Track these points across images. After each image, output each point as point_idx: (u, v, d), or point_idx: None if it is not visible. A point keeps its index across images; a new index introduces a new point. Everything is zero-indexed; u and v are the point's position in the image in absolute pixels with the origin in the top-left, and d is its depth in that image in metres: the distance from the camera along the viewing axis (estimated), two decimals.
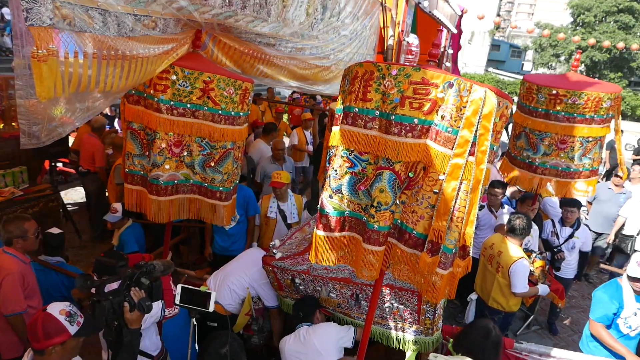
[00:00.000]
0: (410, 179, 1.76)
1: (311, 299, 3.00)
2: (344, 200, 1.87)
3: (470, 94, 1.61)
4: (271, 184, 4.31)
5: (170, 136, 2.37)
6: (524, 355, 3.07)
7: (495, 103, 1.60)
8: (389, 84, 1.69)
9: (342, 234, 1.93)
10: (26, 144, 1.72)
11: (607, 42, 22.81)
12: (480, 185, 1.66)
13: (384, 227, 1.82)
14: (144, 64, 2.03)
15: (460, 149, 1.63)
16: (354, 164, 1.82)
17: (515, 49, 44.63)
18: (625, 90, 31.39)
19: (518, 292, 3.72)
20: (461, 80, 1.63)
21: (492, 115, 1.61)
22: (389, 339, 2.91)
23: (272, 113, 9.41)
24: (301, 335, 2.79)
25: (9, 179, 5.04)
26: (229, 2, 2.44)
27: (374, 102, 1.74)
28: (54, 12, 1.51)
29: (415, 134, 1.70)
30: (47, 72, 1.51)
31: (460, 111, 1.63)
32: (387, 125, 1.72)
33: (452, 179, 1.65)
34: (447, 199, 1.67)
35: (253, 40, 2.93)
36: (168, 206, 2.52)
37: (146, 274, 2.11)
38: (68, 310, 1.96)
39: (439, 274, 1.75)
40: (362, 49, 4.54)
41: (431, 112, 1.66)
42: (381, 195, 1.77)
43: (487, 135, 1.62)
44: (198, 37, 2.49)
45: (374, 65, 1.74)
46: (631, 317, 3.19)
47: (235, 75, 2.52)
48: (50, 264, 3.35)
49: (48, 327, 1.88)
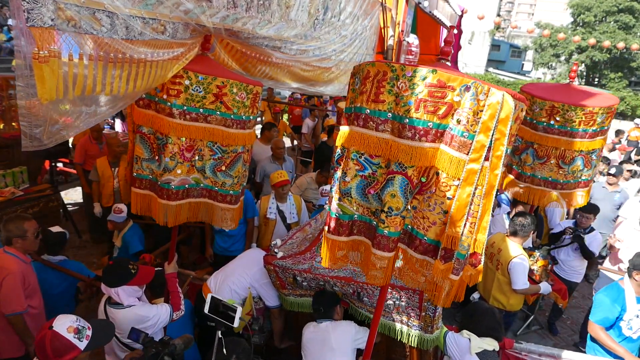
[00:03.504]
0: (422, 184, 1.72)
1: (331, 294, 2.99)
2: (353, 203, 1.83)
3: (487, 97, 1.57)
4: (277, 183, 4.30)
5: (182, 141, 2.36)
6: (523, 355, 3.07)
7: (513, 107, 1.56)
8: (402, 85, 1.64)
9: (350, 237, 1.90)
10: (27, 146, 1.71)
11: (607, 42, 22.75)
12: (493, 191, 1.63)
13: (394, 232, 1.77)
14: (153, 68, 2.02)
15: (476, 154, 1.59)
16: (364, 167, 1.78)
17: (515, 49, 44.65)
18: (625, 90, 31.40)
19: (518, 289, 3.74)
20: (479, 84, 1.59)
21: (509, 119, 1.57)
22: (391, 330, 2.92)
23: (271, 113, 9.40)
24: (321, 328, 2.84)
25: (9, 179, 5.05)
26: (234, 4, 2.43)
27: (387, 104, 1.69)
28: (56, 13, 1.50)
29: (430, 138, 1.64)
30: (48, 74, 1.50)
31: (477, 115, 1.58)
32: (400, 129, 1.67)
33: (467, 184, 1.61)
34: (461, 205, 1.63)
35: (260, 44, 2.93)
36: (178, 210, 2.51)
37: (169, 354, 2.19)
38: (75, 326, 1.93)
39: (451, 280, 1.72)
40: (362, 49, 4.53)
41: (446, 115, 1.62)
42: (392, 200, 1.72)
43: (503, 140, 1.58)
44: (207, 40, 2.48)
45: (387, 65, 1.68)
46: (633, 319, 3.19)
47: (246, 79, 2.53)
48: (53, 264, 3.35)
49: (57, 346, 1.87)
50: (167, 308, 2.69)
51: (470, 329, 2.71)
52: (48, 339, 1.87)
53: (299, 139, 9.26)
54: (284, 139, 7.90)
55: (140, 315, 2.54)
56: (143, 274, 2.59)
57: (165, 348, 2.19)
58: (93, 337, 1.99)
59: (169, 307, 2.71)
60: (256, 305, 3.38)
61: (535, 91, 3.78)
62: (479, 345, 2.61)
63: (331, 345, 2.72)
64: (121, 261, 2.63)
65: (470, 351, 2.60)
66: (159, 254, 4.25)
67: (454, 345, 2.73)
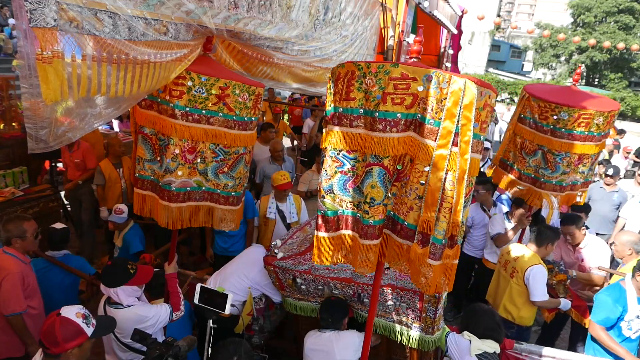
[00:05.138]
0: (399, 171, 1.81)
1: (340, 304, 2.92)
2: (336, 199, 1.90)
3: (449, 85, 1.65)
4: (280, 187, 4.29)
5: (184, 142, 2.36)
6: (523, 356, 3.08)
7: (476, 93, 1.64)
8: (370, 82, 1.73)
9: (338, 232, 1.96)
10: (34, 148, 1.71)
11: (607, 42, 22.79)
12: (465, 175, 1.70)
13: (378, 220, 1.86)
14: (157, 70, 2.02)
15: (443, 140, 1.67)
16: (342, 163, 1.85)
17: (515, 49, 44.67)
18: (625, 90, 31.41)
19: (537, 301, 3.45)
20: (440, 73, 1.67)
21: (472, 105, 1.65)
22: (391, 331, 2.92)
23: (272, 113, 9.40)
24: (324, 338, 2.80)
25: (9, 179, 5.04)
26: (235, 5, 2.43)
27: (358, 101, 1.78)
28: (59, 14, 1.50)
29: (400, 128, 1.74)
30: (52, 75, 1.50)
31: (441, 103, 1.66)
32: (372, 122, 1.76)
33: (437, 170, 1.70)
34: (433, 189, 1.71)
35: (262, 45, 2.93)
36: (178, 213, 2.50)
37: (173, 356, 2.19)
38: (83, 312, 2.00)
39: (431, 265, 1.79)
40: (363, 49, 4.54)
41: (413, 105, 1.71)
42: (373, 191, 1.81)
43: (469, 125, 1.66)
44: (209, 41, 2.48)
45: (354, 64, 1.77)
46: (634, 320, 3.20)
47: (248, 80, 2.52)
48: (57, 260, 3.36)
49: (66, 330, 1.91)
50: (166, 308, 2.70)
51: (470, 331, 2.72)
52: (57, 324, 1.91)
53: (299, 139, 9.27)
54: (284, 139, 7.91)
55: (140, 315, 2.54)
56: (142, 274, 2.59)
57: (170, 349, 2.19)
58: (98, 326, 2.05)
59: (168, 308, 2.71)
60: (256, 305, 3.38)
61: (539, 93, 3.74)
62: (478, 347, 2.61)
63: (335, 358, 2.71)
64: (120, 261, 2.63)
65: (470, 352, 2.60)
66: (159, 254, 4.26)
67: (454, 346, 2.74)
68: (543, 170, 3.68)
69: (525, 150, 3.75)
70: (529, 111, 3.64)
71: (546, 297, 3.51)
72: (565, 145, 3.52)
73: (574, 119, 3.44)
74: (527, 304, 3.57)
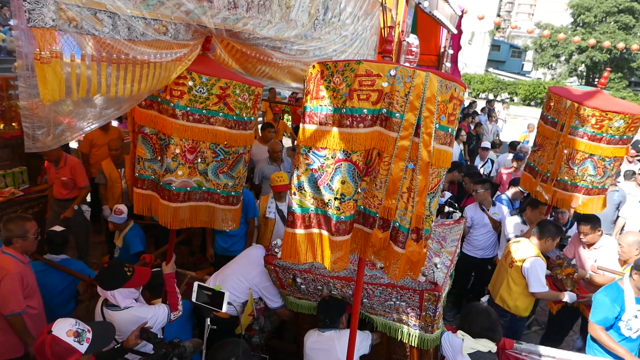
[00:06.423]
0: (367, 166, 1.85)
1: (336, 302, 2.94)
2: (307, 196, 1.93)
3: (412, 79, 1.70)
4: (277, 188, 4.29)
5: (185, 142, 2.36)
6: (523, 356, 3.07)
7: (437, 87, 1.70)
8: (337, 80, 1.78)
9: (308, 230, 1.98)
10: (31, 147, 1.70)
11: (607, 42, 22.79)
12: (428, 167, 1.76)
13: (349, 216, 1.91)
14: (157, 70, 2.01)
15: (405, 132, 1.74)
16: (312, 160, 1.88)
17: (515, 49, 44.66)
18: (625, 90, 31.40)
19: (536, 292, 3.52)
20: (403, 68, 1.72)
21: (434, 97, 1.71)
22: (391, 329, 2.93)
23: (272, 113, 9.39)
24: (325, 337, 2.81)
25: (9, 179, 5.04)
26: (235, 5, 2.43)
27: (327, 99, 1.82)
28: (57, 13, 1.50)
29: (367, 124, 1.79)
30: (51, 75, 1.50)
31: (405, 97, 1.72)
32: (340, 119, 1.80)
33: (399, 160, 1.76)
34: (394, 179, 1.78)
35: (261, 44, 2.93)
36: (177, 212, 2.49)
37: (178, 355, 2.20)
38: (75, 330, 1.93)
39: (399, 253, 1.86)
40: (363, 49, 4.54)
41: (379, 101, 1.76)
42: (343, 186, 1.85)
43: (432, 117, 1.72)
44: (208, 40, 2.48)
45: (323, 64, 1.83)
46: (632, 319, 3.19)
47: (248, 80, 2.53)
48: (55, 263, 3.35)
49: (57, 350, 1.87)
50: (164, 309, 2.69)
51: (465, 330, 2.71)
52: (48, 344, 1.86)
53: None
54: (284, 139, 7.89)
55: (138, 317, 2.53)
56: (139, 275, 2.57)
57: (175, 349, 2.19)
58: (94, 340, 1.98)
59: (166, 308, 2.70)
60: (256, 306, 3.38)
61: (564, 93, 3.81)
62: (471, 346, 2.59)
63: (337, 356, 2.70)
64: (116, 264, 2.60)
65: (462, 351, 2.60)
66: (160, 254, 4.25)
67: (448, 345, 2.74)
68: (592, 178, 3.76)
69: (573, 160, 3.78)
70: (577, 121, 3.66)
71: (545, 289, 3.57)
72: (616, 150, 3.65)
73: (628, 125, 3.57)
74: (523, 294, 3.64)
